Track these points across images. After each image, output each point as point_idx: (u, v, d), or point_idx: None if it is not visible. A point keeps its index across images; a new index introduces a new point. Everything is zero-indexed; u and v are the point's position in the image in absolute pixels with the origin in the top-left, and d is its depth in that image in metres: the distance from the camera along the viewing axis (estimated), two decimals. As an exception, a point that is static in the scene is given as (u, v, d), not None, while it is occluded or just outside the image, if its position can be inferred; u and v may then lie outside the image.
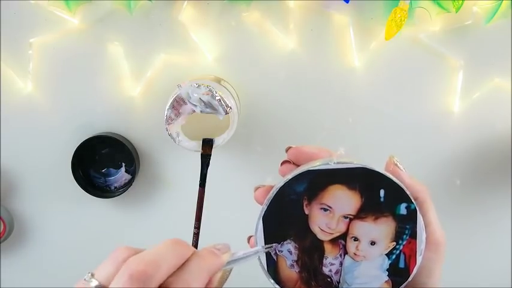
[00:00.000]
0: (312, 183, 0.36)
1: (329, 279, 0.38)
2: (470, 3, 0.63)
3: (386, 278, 0.37)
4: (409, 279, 0.37)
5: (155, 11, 0.65)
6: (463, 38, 0.65)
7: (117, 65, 0.68)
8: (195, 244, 0.63)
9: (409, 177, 0.37)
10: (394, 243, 0.37)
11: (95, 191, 0.71)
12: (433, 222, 0.37)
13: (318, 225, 0.37)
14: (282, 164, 0.38)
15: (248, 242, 0.39)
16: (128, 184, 0.71)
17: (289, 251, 0.37)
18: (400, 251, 0.37)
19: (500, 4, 0.62)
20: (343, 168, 0.36)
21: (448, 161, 0.70)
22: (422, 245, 0.36)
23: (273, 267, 0.38)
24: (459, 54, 0.65)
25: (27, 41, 0.67)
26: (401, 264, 0.37)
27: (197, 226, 0.63)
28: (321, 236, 0.37)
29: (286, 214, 0.36)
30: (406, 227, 0.36)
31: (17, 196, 0.74)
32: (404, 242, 0.36)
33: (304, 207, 0.36)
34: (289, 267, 0.38)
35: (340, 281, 0.37)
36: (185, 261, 0.31)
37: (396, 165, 0.37)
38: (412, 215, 0.36)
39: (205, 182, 0.63)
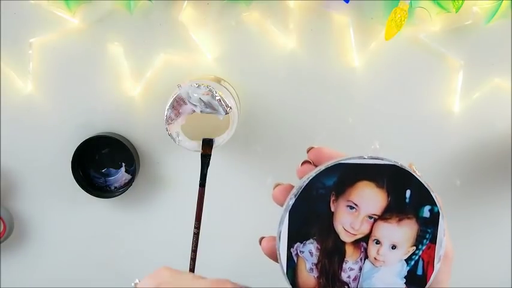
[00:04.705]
0: (342, 178, 0.35)
1: (346, 287, 0.36)
2: (470, 3, 0.63)
3: (404, 286, 0.36)
4: (426, 287, 0.35)
5: (155, 11, 0.65)
6: (463, 38, 0.65)
7: (117, 65, 0.68)
8: (195, 244, 0.63)
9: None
10: (414, 247, 0.36)
11: (95, 191, 0.71)
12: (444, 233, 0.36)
13: (342, 224, 0.35)
14: (302, 164, 0.37)
15: (260, 243, 0.37)
16: (128, 184, 0.71)
17: (310, 252, 0.36)
18: (419, 257, 0.36)
19: (500, 4, 0.62)
20: (375, 164, 0.35)
21: (448, 161, 0.70)
22: (441, 251, 0.35)
23: (292, 270, 0.36)
24: (459, 54, 0.65)
25: (27, 41, 0.67)
26: (419, 271, 0.36)
27: (197, 226, 0.63)
28: (343, 236, 0.35)
29: (312, 209, 0.35)
30: (428, 230, 0.35)
31: (17, 196, 0.74)
32: (424, 247, 0.35)
33: (331, 204, 0.35)
34: (308, 271, 0.36)
35: None
36: None
37: (415, 172, 0.36)
38: (434, 218, 0.35)
39: (205, 182, 0.63)
